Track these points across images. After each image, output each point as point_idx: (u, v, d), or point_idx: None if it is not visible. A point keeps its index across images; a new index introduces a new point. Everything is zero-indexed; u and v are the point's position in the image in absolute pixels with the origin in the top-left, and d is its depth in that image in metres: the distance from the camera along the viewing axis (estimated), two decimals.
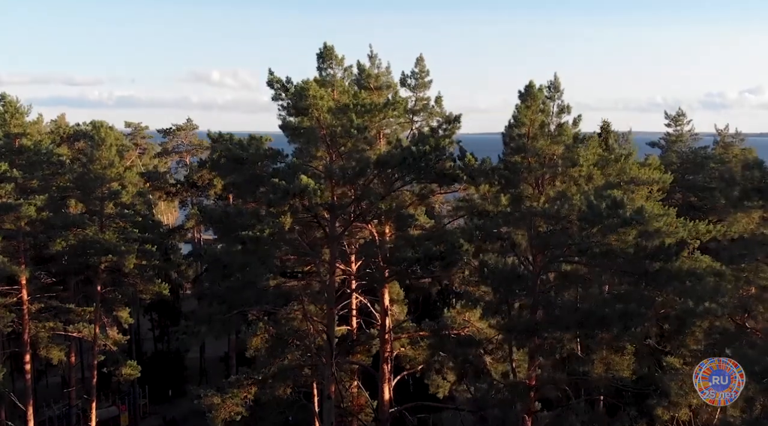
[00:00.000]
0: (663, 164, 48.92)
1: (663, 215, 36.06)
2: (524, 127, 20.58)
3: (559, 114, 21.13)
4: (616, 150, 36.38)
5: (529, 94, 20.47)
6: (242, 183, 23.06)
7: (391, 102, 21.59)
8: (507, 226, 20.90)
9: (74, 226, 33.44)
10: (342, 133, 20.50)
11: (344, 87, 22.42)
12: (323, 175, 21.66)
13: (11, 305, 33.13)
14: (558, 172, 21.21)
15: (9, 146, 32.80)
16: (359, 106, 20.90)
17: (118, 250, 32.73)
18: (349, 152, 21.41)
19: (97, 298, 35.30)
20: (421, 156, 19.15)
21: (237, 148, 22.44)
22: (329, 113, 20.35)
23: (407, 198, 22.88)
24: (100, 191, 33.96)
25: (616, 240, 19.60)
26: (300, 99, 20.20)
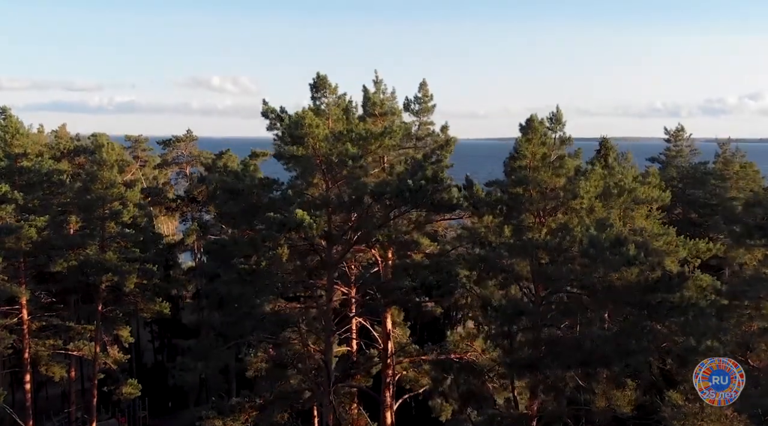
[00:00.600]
0: (663, 179, 49.18)
1: (663, 234, 36.24)
2: (526, 160, 20.66)
3: (560, 146, 21.17)
4: (616, 168, 36.45)
5: (531, 127, 20.56)
6: (238, 213, 23.09)
7: (387, 130, 21.68)
8: (509, 258, 20.94)
9: (75, 247, 33.48)
10: (337, 162, 20.55)
11: (338, 115, 22.50)
12: (320, 203, 21.71)
13: (12, 325, 33.14)
14: (559, 203, 21.25)
15: (10, 167, 32.80)
16: (354, 134, 20.99)
17: (119, 270, 32.75)
18: (345, 180, 21.45)
19: (98, 317, 35.29)
20: (417, 189, 19.21)
21: (232, 178, 22.49)
22: (324, 142, 20.41)
23: (405, 226, 22.92)
24: (101, 211, 33.96)
25: (618, 278, 19.62)
26: (296, 128, 20.28)
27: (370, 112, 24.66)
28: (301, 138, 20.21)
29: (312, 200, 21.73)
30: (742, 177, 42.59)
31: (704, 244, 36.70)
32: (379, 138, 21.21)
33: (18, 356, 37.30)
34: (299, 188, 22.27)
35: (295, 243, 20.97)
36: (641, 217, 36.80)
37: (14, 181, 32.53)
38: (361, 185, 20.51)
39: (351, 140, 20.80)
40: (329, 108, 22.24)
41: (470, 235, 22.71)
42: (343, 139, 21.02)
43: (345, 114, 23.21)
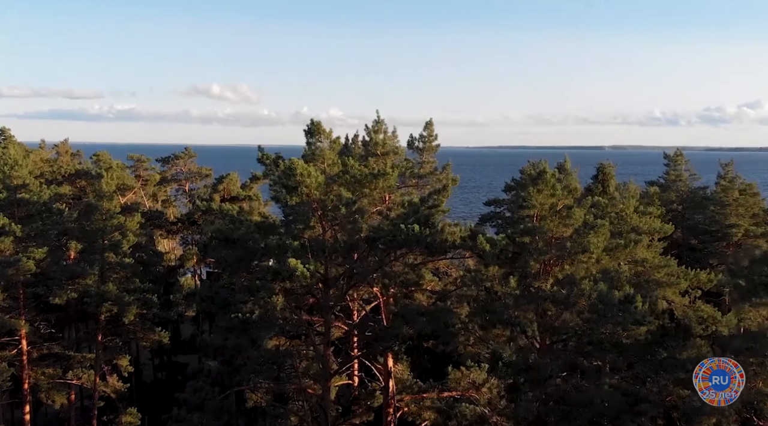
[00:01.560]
0: (662, 202, 49.19)
1: (664, 266, 36.15)
2: (534, 210, 20.62)
3: (567, 195, 21.15)
4: (617, 199, 36.47)
5: (542, 178, 20.55)
6: (234, 261, 23.03)
7: (381, 172, 21.66)
8: (516, 309, 20.89)
9: (75, 277, 33.42)
10: (333, 209, 20.52)
11: (333, 160, 22.51)
12: (316, 248, 21.65)
13: (11, 357, 33.00)
14: (566, 254, 21.20)
15: (10, 198, 32.73)
16: (348, 177, 20.98)
17: (120, 301, 32.70)
18: (341, 224, 21.40)
19: (98, 347, 35.20)
20: (410, 234, 19.16)
21: (228, 224, 22.43)
22: (318, 190, 20.39)
23: (401, 269, 22.86)
24: (101, 242, 33.91)
25: (626, 336, 19.56)
26: (288, 177, 20.28)
27: (372, 152, 24.66)
28: (295, 187, 20.22)
29: (308, 244, 21.66)
30: (741, 204, 42.54)
31: (705, 275, 36.71)
32: (374, 180, 21.19)
33: (17, 386, 37.16)
34: (295, 232, 22.22)
35: (290, 288, 20.88)
36: (642, 247, 36.81)
37: (13, 213, 32.48)
38: (355, 231, 20.46)
39: (345, 183, 20.80)
40: (323, 153, 22.25)
41: (474, 280, 22.59)
42: (338, 181, 21.00)
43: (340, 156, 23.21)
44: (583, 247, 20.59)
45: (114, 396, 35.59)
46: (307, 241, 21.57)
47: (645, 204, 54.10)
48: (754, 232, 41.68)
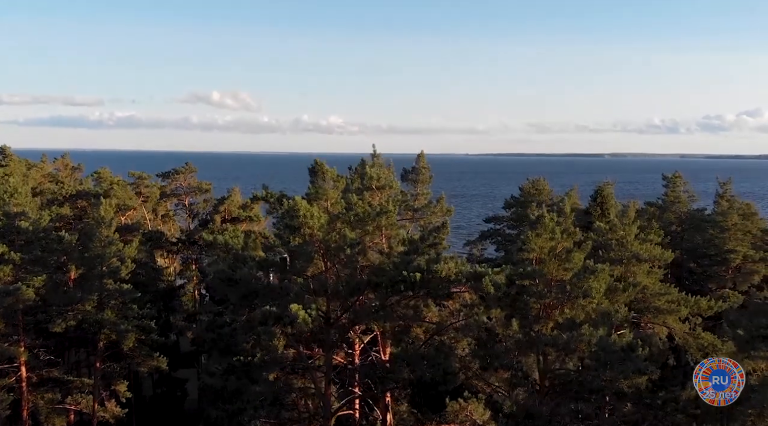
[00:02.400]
0: (661, 224, 49.22)
1: (665, 293, 36.10)
2: (533, 253, 20.67)
3: (567, 238, 21.20)
4: (617, 224, 36.48)
5: (540, 223, 20.58)
6: (236, 300, 23.08)
7: (383, 210, 21.71)
8: (517, 355, 20.90)
9: (73, 303, 33.50)
10: (336, 249, 20.59)
11: (336, 198, 22.59)
12: (318, 288, 21.72)
13: (10, 384, 33.04)
14: (566, 298, 21.22)
15: (9, 226, 32.85)
16: (352, 215, 21.04)
17: (118, 329, 32.74)
18: (343, 263, 21.46)
19: (96, 373, 35.22)
20: (413, 281, 19.22)
21: (231, 261, 22.48)
22: (321, 230, 20.48)
23: (402, 310, 22.92)
24: (100, 269, 33.97)
25: (628, 385, 19.57)
26: (291, 218, 20.36)
27: (367, 185, 24.78)
28: (298, 227, 20.30)
29: (310, 284, 21.72)
30: (740, 228, 42.57)
31: (705, 302, 36.68)
32: (376, 218, 21.27)
33: (16, 411, 37.16)
34: (297, 269, 22.28)
35: (291, 335, 20.93)
36: (643, 273, 36.82)
37: (13, 240, 32.60)
38: (358, 274, 20.53)
39: (348, 221, 20.85)
40: (327, 192, 22.34)
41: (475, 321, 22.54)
42: (341, 218, 21.06)
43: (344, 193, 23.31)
44: (583, 292, 20.62)
45: (113, 421, 35.59)
46: (309, 280, 21.65)
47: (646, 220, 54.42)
48: (753, 257, 41.67)
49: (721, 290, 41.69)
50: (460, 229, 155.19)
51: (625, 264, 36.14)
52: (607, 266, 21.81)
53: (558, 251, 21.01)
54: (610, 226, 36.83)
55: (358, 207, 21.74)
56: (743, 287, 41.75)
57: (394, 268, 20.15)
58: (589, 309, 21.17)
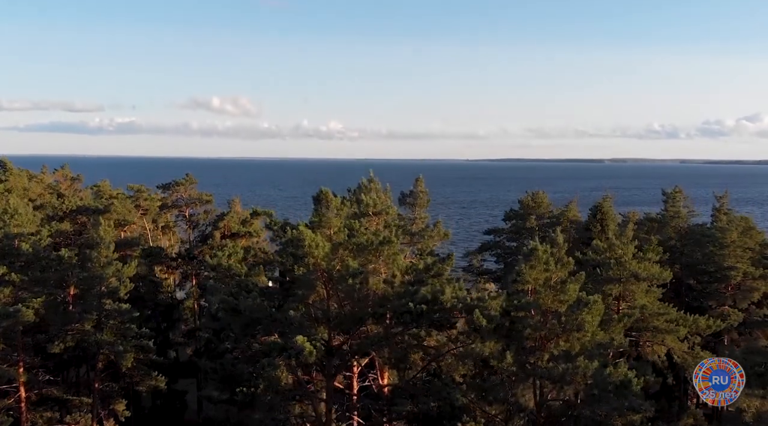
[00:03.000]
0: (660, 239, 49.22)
1: (663, 313, 36.10)
2: (528, 285, 20.72)
3: (561, 269, 21.23)
4: (615, 243, 36.53)
5: (534, 255, 20.64)
6: (239, 330, 23.12)
7: (387, 239, 21.79)
8: (513, 387, 20.91)
9: (72, 323, 33.54)
10: (339, 278, 20.64)
11: (339, 227, 22.68)
12: (320, 317, 21.76)
13: (10, 405, 33.04)
14: (561, 330, 21.24)
15: (9, 248, 32.91)
16: (355, 244, 21.11)
17: (116, 350, 32.74)
18: (346, 292, 21.52)
19: (94, 393, 35.21)
20: (419, 313, 19.27)
21: (234, 289, 22.53)
22: (325, 260, 20.55)
23: (406, 340, 22.95)
24: (98, 289, 34.01)
25: (623, 423, 19.60)
26: (296, 247, 20.43)
27: (364, 212, 24.85)
28: (302, 257, 20.38)
29: (312, 312, 21.77)
30: (740, 245, 42.59)
31: (704, 321, 36.73)
32: (379, 247, 21.36)
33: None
34: (299, 296, 22.32)
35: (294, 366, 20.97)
36: (641, 292, 36.86)
37: (13, 261, 32.64)
38: (362, 305, 20.59)
39: (351, 250, 20.93)
40: (330, 221, 22.41)
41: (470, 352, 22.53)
42: (344, 245, 21.14)
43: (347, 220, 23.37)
44: (577, 325, 20.65)
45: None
46: (311, 307, 21.70)
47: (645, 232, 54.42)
48: (752, 274, 41.69)
49: (720, 307, 41.69)
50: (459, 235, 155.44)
51: (623, 283, 36.22)
52: (600, 298, 21.81)
53: (553, 282, 21.05)
54: (608, 244, 36.90)
55: (360, 235, 21.83)
56: (743, 304, 41.77)
57: (398, 299, 20.21)
58: (585, 341, 21.19)
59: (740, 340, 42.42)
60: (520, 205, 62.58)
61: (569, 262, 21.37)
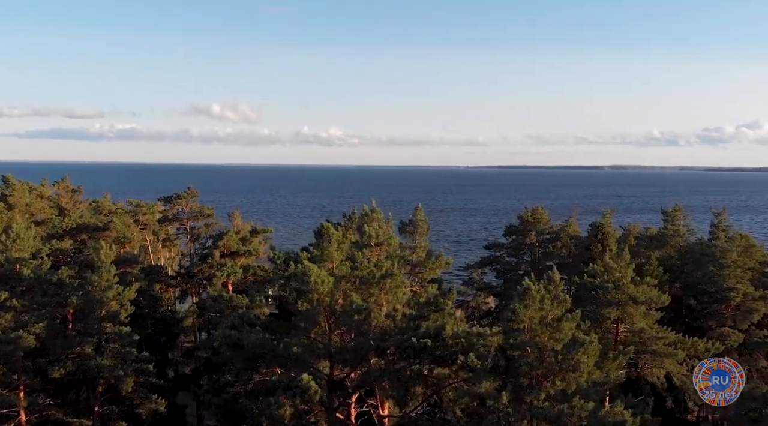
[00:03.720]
0: (660, 258, 49.29)
1: (661, 337, 36.14)
2: (523, 324, 20.76)
3: (557, 306, 21.28)
4: (613, 267, 36.59)
5: (528, 294, 20.69)
6: (241, 363, 23.15)
7: (389, 272, 21.87)
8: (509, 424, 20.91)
9: (73, 347, 33.60)
10: (342, 313, 20.71)
11: (340, 260, 22.74)
12: (322, 351, 21.80)
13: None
14: (557, 369, 21.28)
15: (10, 272, 32.98)
16: (358, 277, 21.18)
17: (117, 375, 32.79)
18: (348, 326, 21.59)
19: (95, 416, 35.23)
20: (422, 348, 19.33)
21: (236, 321, 22.58)
22: (328, 296, 20.63)
23: (407, 375, 22.97)
24: (99, 313, 34.07)
25: None
26: (301, 283, 20.49)
27: (366, 243, 24.93)
28: (306, 293, 20.46)
29: (315, 346, 21.80)
30: (740, 265, 42.66)
31: (703, 344, 36.77)
32: (382, 280, 21.45)
33: None
34: (303, 330, 22.37)
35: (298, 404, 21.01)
36: (640, 315, 36.92)
37: (14, 286, 32.73)
38: (364, 339, 20.63)
39: (354, 282, 21.00)
40: (331, 254, 22.48)
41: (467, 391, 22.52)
42: (347, 277, 21.22)
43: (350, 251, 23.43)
44: (572, 366, 20.67)
45: None
46: (314, 341, 21.76)
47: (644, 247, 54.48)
48: (752, 295, 41.75)
49: (720, 328, 41.73)
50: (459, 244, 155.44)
51: (621, 306, 36.30)
52: (595, 338, 21.80)
53: (549, 320, 21.09)
54: (606, 268, 36.99)
55: (363, 268, 21.92)
56: (743, 325, 41.80)
57: (400, 334, 20.27)
58: (580, 381, 21.20)
59: (740, 361, 42.34)
60: (520, 220, 62.68)
61: (566, 299, 21.42)
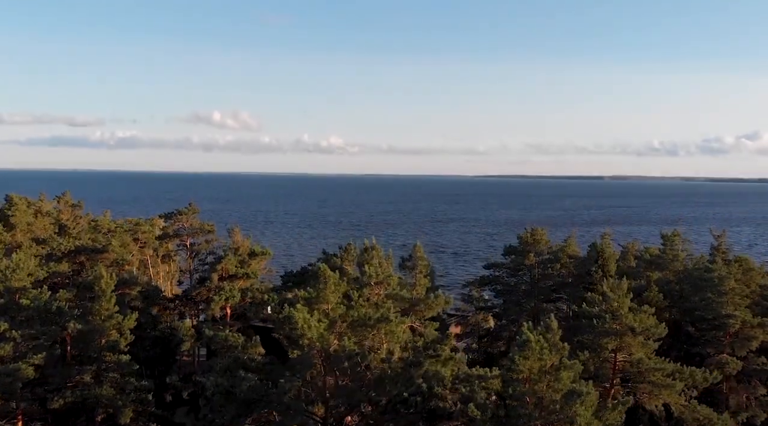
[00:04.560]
0: (659, 282, 49.32)
1: (659, 369, 36.14)
2: (522, 374, 20.79)
3: (555, 354, 21.29)
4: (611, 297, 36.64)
5: (527, 345, 20.73)
6: (234, 410, 23.13)
7: (384, 317, 21.94)
8: None
9: (72, 376, 33.65)
10: (336, 359, 20.76)
11: (336, 301, 22.80)
12: (317, 396, 21.83)
13: None
14: (556, 419, 21.27)
15: (10, 303, 33.07)
16: (353, 319, 21.24)
17: (116, 405, 32.83)
18: (343, 371, 21.62)
19: None
20: (413, 405, 19.36)
21: (230, 364, 22.61)
22: (320, 341, 20.67)
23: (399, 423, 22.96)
24: (98, 342, 34.14)
25: None
26: (290, 329, 20.58)
27: (366, 282, 24.99)
28: (296, 340, 20.52)
29: (309, 390, 21.84)
30: (738, 293, 42.67)
31: (701, 374, 36.76)
32: (377, 323, 21.49)
33: None
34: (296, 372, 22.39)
35: None
36: (638, 345, 36.93)
37: (14, 317, 32.81)
38: (359, 383, 20.66)
39: (349, 323, 21.05)
40: (327, 296, 22.55)
41: None
42: (342, 318, 21.24)
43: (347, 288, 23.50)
44: (570, 418, 20.67)
45: None
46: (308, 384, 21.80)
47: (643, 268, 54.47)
48: (751, 323, 41.75)
49: (719, 355, 41.68)
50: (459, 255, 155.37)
51: (620, 336, 36.32)
52: (593, 389, 21.78)
53: (547, 368, 21.11)
54: (604, 297, 37.04)
55: (358, 308, 21.97)
56: (742, 352, 41.75)
57: (395, 383, 20.28)
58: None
59: (739, 389, 42.37)
60: (519, 241, 62.74)
61: (564, 347, 21.44)
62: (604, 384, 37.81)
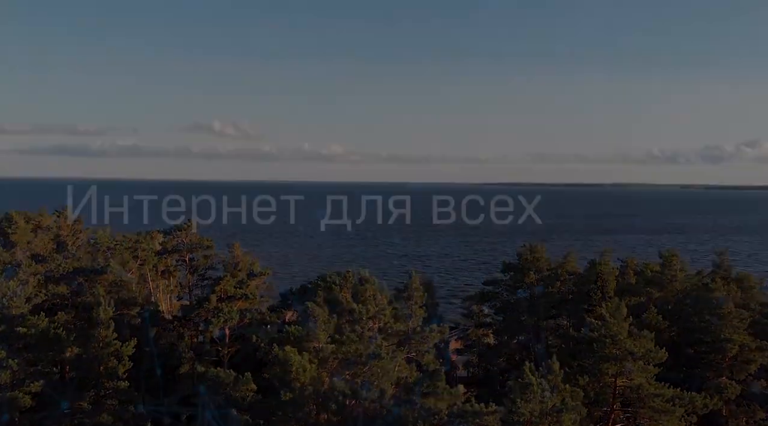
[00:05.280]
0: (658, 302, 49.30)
1: (658, 395, 36.11)
2: (524, 417, 20.81)
3: (556, 396, 21.30)
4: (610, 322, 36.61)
5: (529, 388, 20.73)
6: None
7: (376, 354, 21.95)
8: None
9: (71, 402, 33.63)
10: (326, 397, 20.76)
11: (325, 340, 22.78)
12: None
13: None
14: None
15: (8, 331, 33.07)
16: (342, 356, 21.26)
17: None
18: (334, 410, 21.62)
19: None
20: None
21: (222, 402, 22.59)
22: (312, 383, 20.69)
23: None
24: (97, 370, 34.11)
25: None
26: (282, 373, 20.59)
27: (358, 318, 24.99)
28: (288, 383, 20.56)
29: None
30: (736, 316, 42.62)
31: (701, 399, 36.77)
32: (367, 361, 21.48)
33: None
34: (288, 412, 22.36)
35: None
36: (638, 369, 36.91)
37: (11, 344, 32.80)
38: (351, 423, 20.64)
39: (340, 362, 21.05)
40: (317, 335, 22.54)
41: None
42: (333, 355, 21.23)
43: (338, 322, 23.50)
44: None
45: None
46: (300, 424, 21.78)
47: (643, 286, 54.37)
48: (749, 346, 41.71)
49: (718, 379, 41.60)
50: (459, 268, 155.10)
51: (619, 361, 36.31)
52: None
53: (548, 410, 21.12)
54: (603, 322, 37.05)
55: (349, 344, 21.97)
56: (740, 376, 41.71)
57: (387, 424, 20.26)
58: None
59: (739, 413, 42.24)
60: (519, 258, 62.69)
61: (566, 389, 21.45)
62: (604, 408, 37.81)
